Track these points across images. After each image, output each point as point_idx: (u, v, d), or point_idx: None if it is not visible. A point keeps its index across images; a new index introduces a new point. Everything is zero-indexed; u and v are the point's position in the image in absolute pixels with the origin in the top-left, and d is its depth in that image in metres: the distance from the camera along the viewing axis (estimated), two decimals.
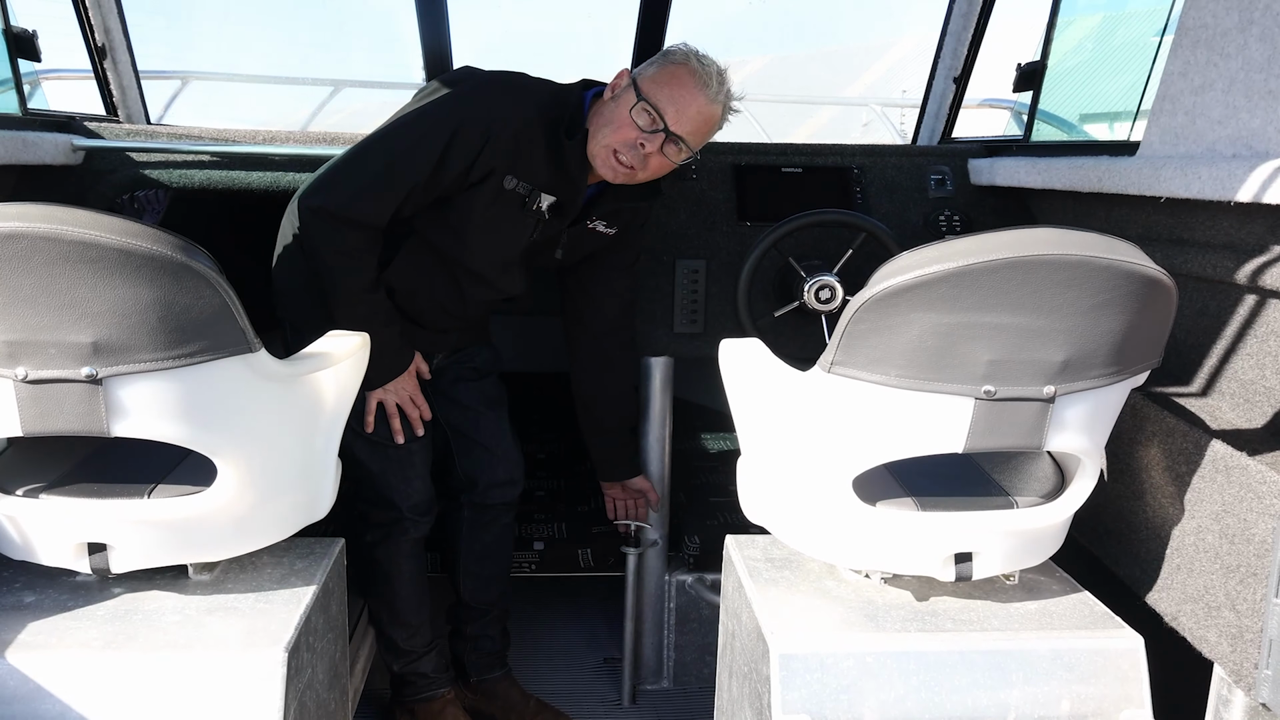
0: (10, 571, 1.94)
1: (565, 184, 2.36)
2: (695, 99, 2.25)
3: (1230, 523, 1.74)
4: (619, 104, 2.28)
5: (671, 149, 2.28)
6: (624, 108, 2.26)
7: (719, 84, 2.27)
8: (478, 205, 2.33)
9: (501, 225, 2.37)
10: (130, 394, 1.65)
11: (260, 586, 1.94)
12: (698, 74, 2.25)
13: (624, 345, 2.79)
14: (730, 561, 2.19)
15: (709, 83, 2.25)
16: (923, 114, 3.45)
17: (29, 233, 1.52)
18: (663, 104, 2.24)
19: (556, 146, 2.31)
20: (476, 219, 2.35)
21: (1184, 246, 2.12)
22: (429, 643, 2.75)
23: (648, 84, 2.26)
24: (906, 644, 1.81)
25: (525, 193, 2.32)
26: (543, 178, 2.33)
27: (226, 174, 2.87)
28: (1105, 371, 1.71)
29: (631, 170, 2.29)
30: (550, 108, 2.32)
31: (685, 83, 2.25)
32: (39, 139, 2.61)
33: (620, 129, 2.26)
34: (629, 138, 2.25)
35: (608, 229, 2.54)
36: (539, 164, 2.31)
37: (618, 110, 2.27)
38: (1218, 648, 1.77)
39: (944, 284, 1.60)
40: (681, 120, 2.25)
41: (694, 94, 2.25)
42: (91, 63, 3.17)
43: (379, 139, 2.29)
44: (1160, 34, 2.58)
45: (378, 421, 2.48)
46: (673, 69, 2.27)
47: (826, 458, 1.83)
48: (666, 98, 2.24)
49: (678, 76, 2.25)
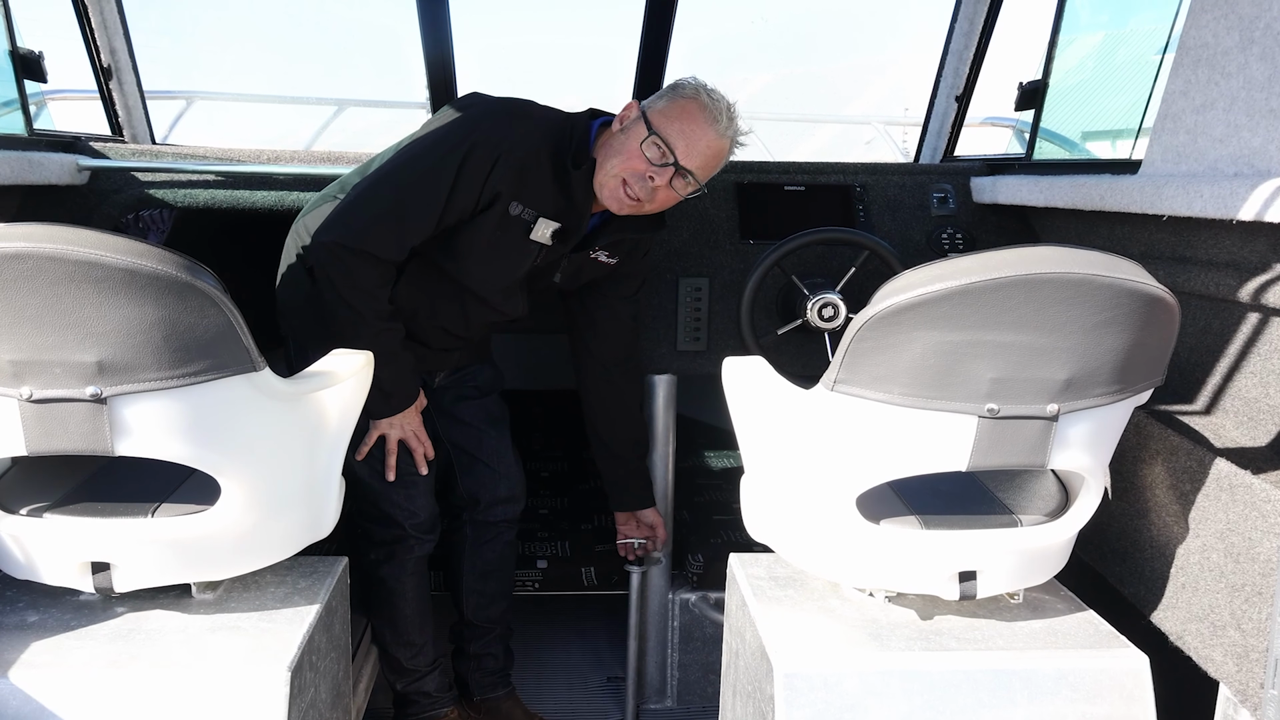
0: (13, 591, 1.94)
1: (569, 212, 2.36)
2: (705, 134, 2.26)
3: (1235, 541, 1.73)
4: (629, 136, 2.29)
5: (679, 182, 2.29)
6: (634, 140, 2.27)
7: (728, 119, 2.28)
8: (482, 230, 2.34)
9: (505, 251, 2.38)
10: (134, 413, 1.65)
11: (263, 605, 1.94)
12: (708, 109, 2.26)
13: (631, 375, 2.79)
14: (734, 580, 2.19)
15: (719, 118, 2.27)
16: (925, 132, 3.46)
17: (34, 253, 1.52)
18: (673, 138, 2.25)
19: (562, 175, 2.31)
20: (481, 244, 2.36)
21: (1187, 264, 2.12)
22: (432, 661, 2.75)
23: (658, 117, 2.27)
24: (911, 663, 1.81)
25: (530, 219, 2.33)
26: (548, 205, 2.33)
27: (231, 193, 2.88)
28: (1108, 390, 1.71)
29: (638, 203, 2.30)
30: (557, 136, 2.33)
31: (696, 117, 2.26)
32: (44, 159, 2.63)
33: (629, 160, 2.27)
34: (638, 169, 2.26)
35: (609, 259, 2.55)
36: (545, 191, 2.32)
37: (627, 142, 2.28)
38: (1223, 667, 1.76)
39: (947, 302, 1.60)
40: (691, 155, 2.26)
41: (704, 129, 2.26)
42: (97, 83, 3.20)
43: (391, 172, 2.30)
44: (1161, 52, 2.58)
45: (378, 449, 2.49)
46: (683, 103, 2.28)
47: (830, 476, 1.83)
48: (677, 132, 2.25)
49: (688, 111, 2.27)
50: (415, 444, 2.50)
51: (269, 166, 2.88)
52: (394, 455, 2.48)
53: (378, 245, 2.25)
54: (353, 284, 2.26)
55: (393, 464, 2.49)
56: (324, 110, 5.50)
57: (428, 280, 2.43)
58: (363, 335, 2.26)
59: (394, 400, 2.41)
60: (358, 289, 2.27)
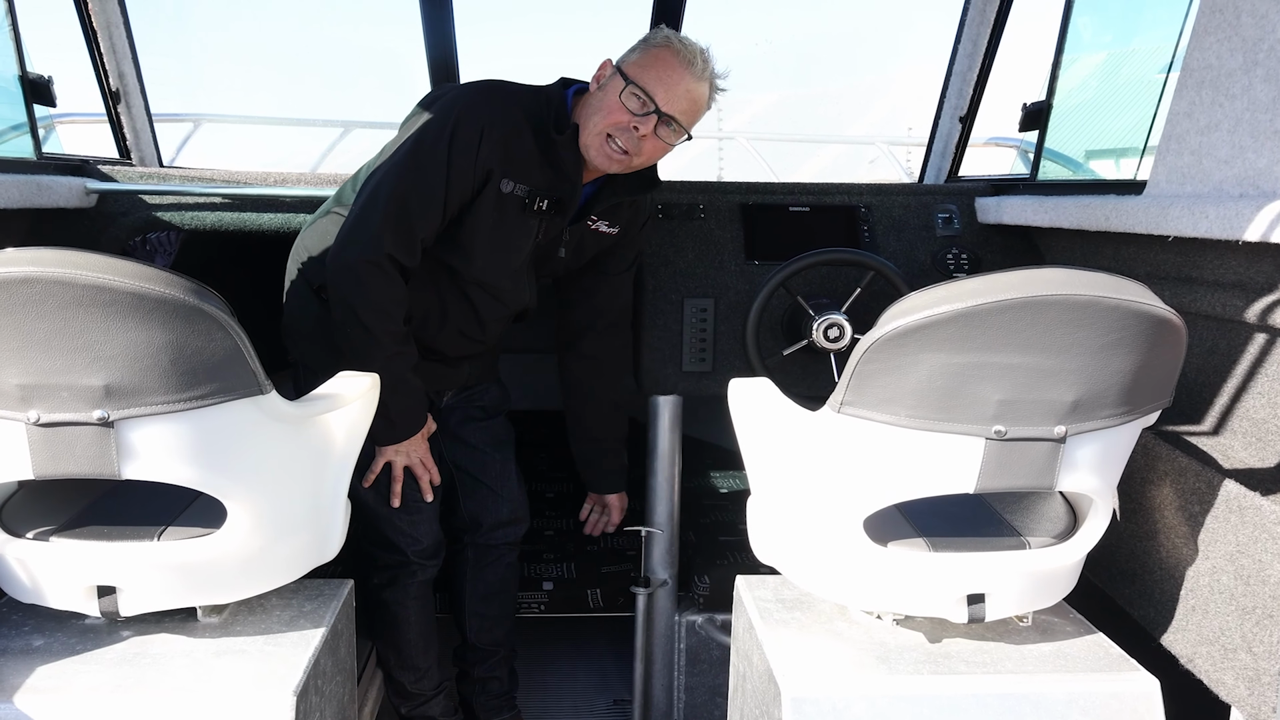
0: (19, 615, 1.93)
1: (561, 181, 2.36)
2: (682, 78, 2.27)
3: (1245, 564, 1.73)
4: (606, 91, 2.30)
5: (665, 130, 2.29)
6: (612, 94, 2.28)
7: (703, 62, 2.30)
8: (481, 216, 2.33)
9: (507, 232, 2.38)
10: (141, 436, 1.65)
11: (269, 629, 1.93)
12: (681, 54, 2.27)
13: (619, 348, 2.80)
14: (741, 602, 2.18)
15: (694, 61, 2.28)
16: (929, 153, 3.46)
17: (43, 277, 1.53)
18: (651, 85, 2.25)
19: (546, 145, 2.32)
20: (483, 230, 2.35)
21: (1193, 285, 2.12)
22: (437, 685, 2.74)
23: (633, 68, 2.28)
24: (919, 686, 1.80)
25: (523, 194, 2.33)
26: (537, 178, 2.34)
27: (238, 215, 2.89)
28: (1116, 411, 1.70)
29: (627, 155, 2.30)
30: (534, 108, 2.34)
31: (670, 63, 2.27)
32: (53, 182, 2.64)
33: (611, 113, 2.27)
34: (621, 121, 2.27)
35: (610, 228, 2.55)
36: (532, 165, 2.32)
37: (606, 97, 2.29)
38: (1234, 691, 1.75)
39: (953, 324, 1.60)
40: (671, 100, 2.27)
41: (680, 73, 2.27)
42: (105, 107, 3.21)
43: (385, 178, 2.28)
44: (1166, 70, 2.58)
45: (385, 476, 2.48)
46: (656, 51, 2.29)
47: (837, 498, 1.83)
48: (654, 79, 2.26)
49: (662, 58, 2.27)
50: (421, 471, 2.50)
51: (275, 189, 2.89)
52: (399, 482, 2.48)
53: (396, 249, 2.25)
54: (370, 302, 2.25)
55: (398, 490, 2.48)
56: (330, 132, 5.54)
57: (436, 283, 2.43)
58: (376, 358, 2.25)
59: (400, 428, 2.40)
60: (375, 307, 2.26)
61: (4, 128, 2.94)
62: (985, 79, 3.29)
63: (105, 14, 3.04)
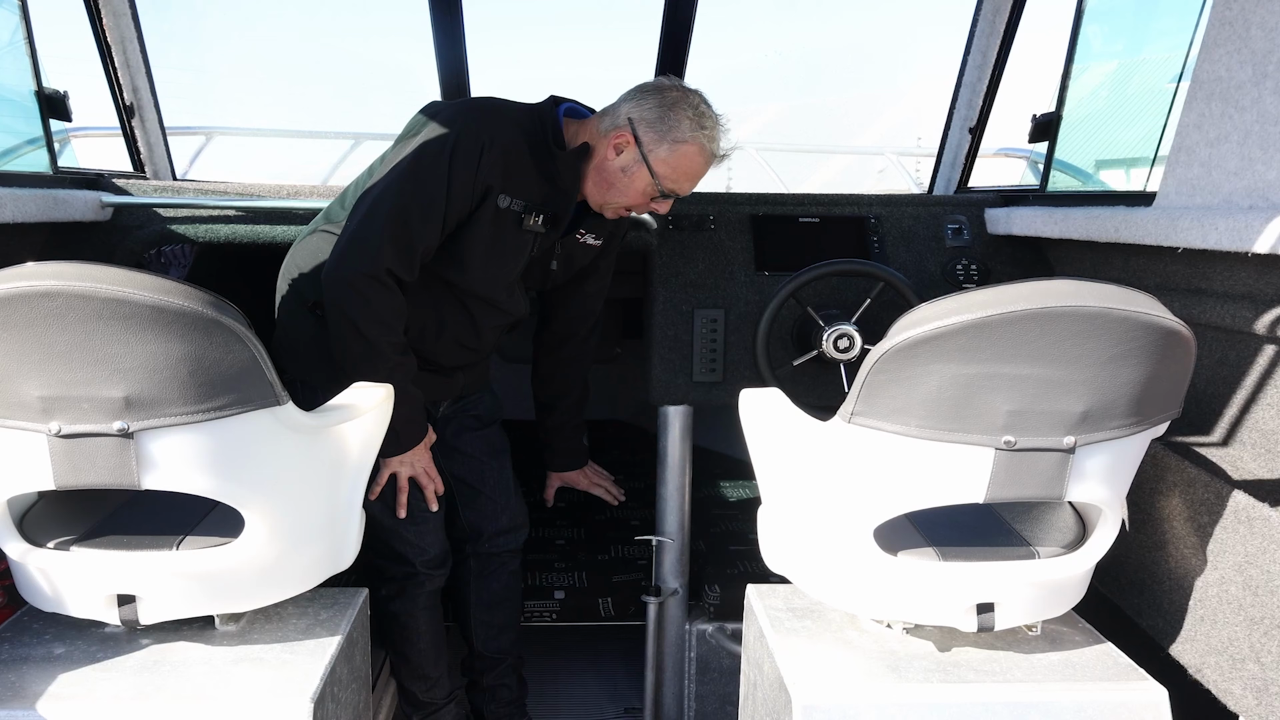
0: (40, 624, 1.96)
1: (556, 195, 2.41)
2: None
3: (1254, 574, 1.73)
4: (631, 179, 2.36)
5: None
6: (638, 184, 2.37)
7: (722, 145, 2.38)
8: (479, 230, 2.36)
9: (504, 247, 2.40)
10: (161, 447, 1.68)
11: (285, 637, 1.95)
12: (707, 151, 2.35)
13: (592, 349, 2.88)
14: (752, 611, 2.19)
15: (717, 151, 2.36)
16: (939, 164, 3.48)
17: (64, 290, 1.55)
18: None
19: (543, 161, 2.36)
20: (480, 245, 2.37)
21: (1202, 296, 2.13)
22: (449, 694, 2.75)
23: (661, 166, 2.34)
24: (929, 695, 1.81)
25: (520, 209, 2.37)
26: (533, 192, 2.37)
27: (251, 228, 2.91)
28: (1125, 422, 1.72)
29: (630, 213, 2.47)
30: (529, 125, 2.37)
31: (699, 165, 2.37)
32: (70, 196, 2.67)
33: (635, 200, 2.41)
34: (641, 204, 2.41)
35: (595, 240, 2.61)
36: (529, 181, 2.35)
37: (631, 184, 2.37)
38: (1242, 701, 1.76)
39: (963, 335, 1.61)
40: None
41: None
42: (119, 121, 3.24)
43: (384, 193, 2.28)
44: (1176, 80, 2.59)
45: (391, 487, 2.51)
46: (685, 150, 2.34)
47: (847, 507, 1.84)
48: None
49: (691, 159, 2.35)
50: (426, 481, 2.51)
51: (288, 201, 2.91)
52: (405, 493, 2.50)
53: (395, 263, 2.26)
54: (371, 315, 2.26)
55: (404, 501, 2.50)
56: (341, 144, 5.57)
57: (432, 295, 2.44)
58: (379, 369, 2.27)
59: (404, 438, 2.42)
60: (375, 320, 2.27)
61: (21, 142, 2.96)
62: (995, 90, 3.31)
63: (119, 29, 3.07)
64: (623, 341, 4.27)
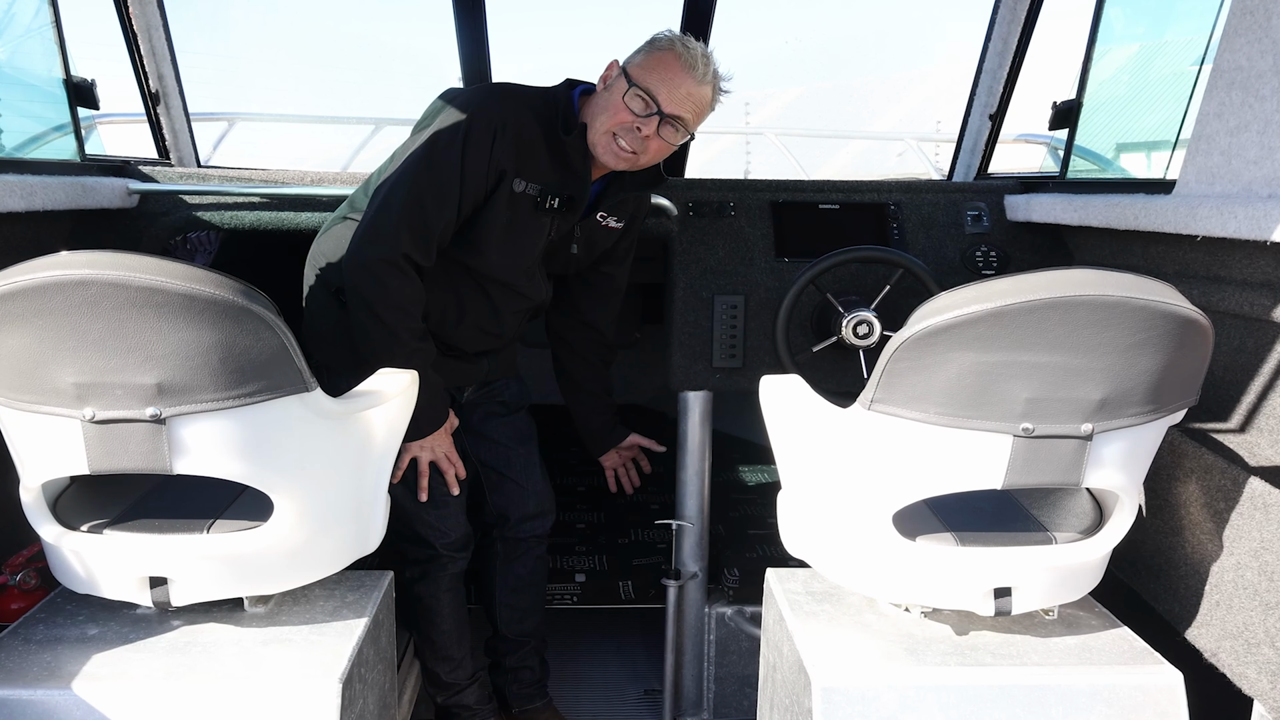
0: (74, 605, 2.00)
1: (571, 179, 2.42)
2: (684, 81, 2.33)
3: (1269, 559, 1.75)
4: (612, 92, 2.36)
5: (668, 130, 2.35)
6: (617, 95, 2.34)
7: (705, 65, 2.35)
8: (495, 215, 2.38)
9: (520, 230, 2.43)
10: (192, 433, 1.71)
11: (313, 619, 1.99)
12: (683, 57, 2.33)
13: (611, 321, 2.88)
14: (771, 594, 2.22)
15: (695, 64, 2.33)
16: (959, 150, 3.47)
17: (98, 279, 1.58)
18: (654, 87, 2.32)
19: (556, 143, 2.38)
20: (495, 228, 2.40)
21: (1221, 284, 2.14)
22: (471, 675, 2.79)
23: (637, 71, 2.34)
24: (947, 678, 1.83)
25: (535, 193, 2.39)
26: (547, 175, 2.39)
27: (276, 215, 2.94)
28: (1142, 410, 1.73)
29: (634, 155, 2.37)
30: (543, 109, 2.39)
31: (673, 66, 2.33)
32: (97, 184, 2.70)
33: (616, 114, 2.34)
34: (625, 121, 2.34)
35: (616, 223, 2.63)
36: (543, 163, 2.38)
37: (611, 98, 2.36)
38: (1257, 684, 1.77)
39: (982, 324, 1.63)
40: (674, 101, 2.33)
41: (683, 76, 2.33)
42: (145, 108, 3.27)
43: (401, 179, 2.31)
44: (1199, 63, 2.58)
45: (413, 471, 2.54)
46: (660, 54, 2.35)
47: (867, 493, 1.86)
48: (657, 81, 2.32)
49: (665, 61, 2.34)
50: (446, 465, 2.55)
51: (313, 188, 2.94)
52: (426, 477, 2.53)
53: (412, 249, 2.29)
54: (389, 300, 2.29)
55: (424, 485, 2.53)
56: (362, 129, 5.58)
57: (452, 280, 2.47)
58: (397, 354, 2.30)
59: (423, 423, 2.44)
60: (394, 305, 2.30)
61: (49, 129, 3.00)
62: (1015, 77, 3.30)
63: (145, 17, 3.10)
64: (643, 327, 4.29)
